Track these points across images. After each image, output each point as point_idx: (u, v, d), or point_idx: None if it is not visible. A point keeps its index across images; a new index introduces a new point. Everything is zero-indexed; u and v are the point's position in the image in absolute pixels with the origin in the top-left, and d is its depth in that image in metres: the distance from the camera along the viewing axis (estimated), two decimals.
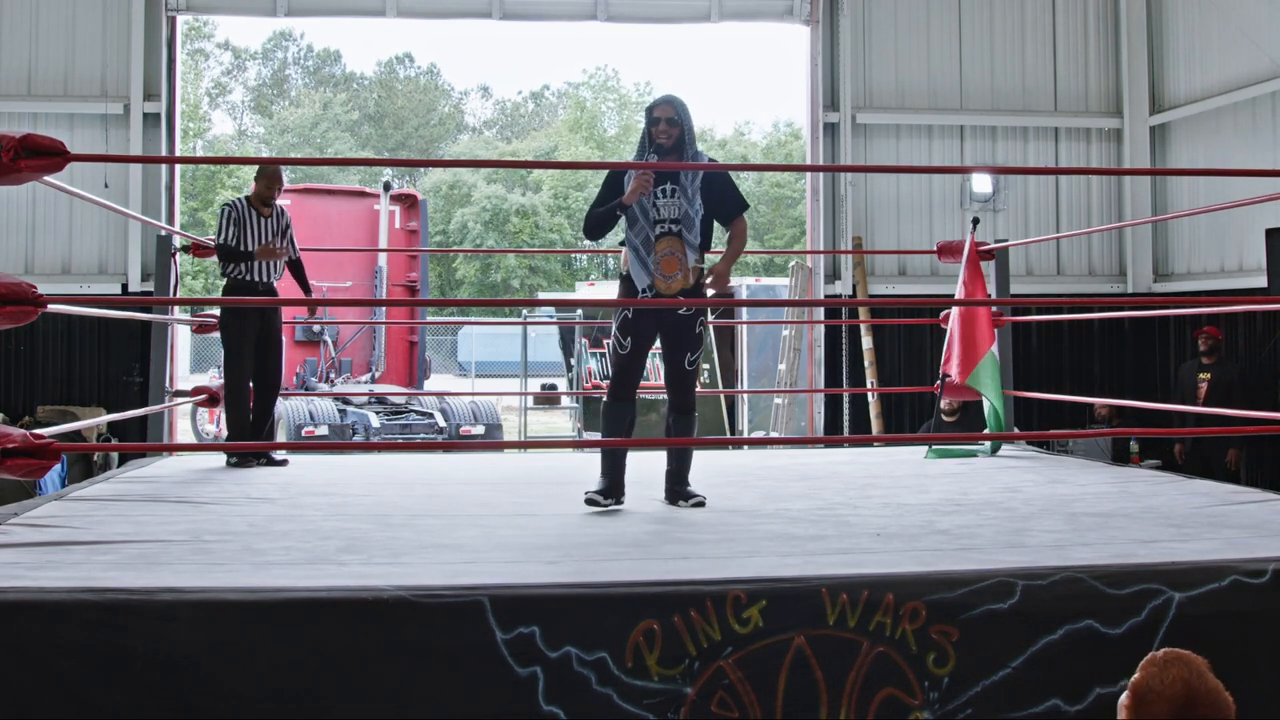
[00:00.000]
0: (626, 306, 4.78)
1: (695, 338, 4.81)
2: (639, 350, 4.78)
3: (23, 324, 3.84)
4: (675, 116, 4.75)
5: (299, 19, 16.50)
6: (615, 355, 4.83)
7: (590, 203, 4.96)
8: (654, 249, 4.70)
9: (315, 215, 13.02)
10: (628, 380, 4.80)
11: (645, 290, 4.72)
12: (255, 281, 6.12)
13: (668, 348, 4.84)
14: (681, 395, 4.84)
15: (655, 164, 4.68)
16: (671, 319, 4.77)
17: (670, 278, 4.70)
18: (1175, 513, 4.38)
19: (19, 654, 2.85)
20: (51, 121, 9.90)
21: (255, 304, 6.11)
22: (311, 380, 12.96)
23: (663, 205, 4.71)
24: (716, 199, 4.80)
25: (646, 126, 4.82)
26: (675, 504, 4.67)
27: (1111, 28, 11.15)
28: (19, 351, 9.90)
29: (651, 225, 4.71)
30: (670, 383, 4.86)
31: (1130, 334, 10.99)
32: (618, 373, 4.81)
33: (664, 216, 4.71)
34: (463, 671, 2.96)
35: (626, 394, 4.79)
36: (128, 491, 4.95)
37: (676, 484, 4.75)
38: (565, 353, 17.20)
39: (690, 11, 11.13)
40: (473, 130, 42.12)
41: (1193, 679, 2.09)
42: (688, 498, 4.67)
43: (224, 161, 37.84)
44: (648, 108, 4.84)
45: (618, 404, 4.79)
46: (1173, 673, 2.09)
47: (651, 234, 4.70)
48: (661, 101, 4.80)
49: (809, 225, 11.34)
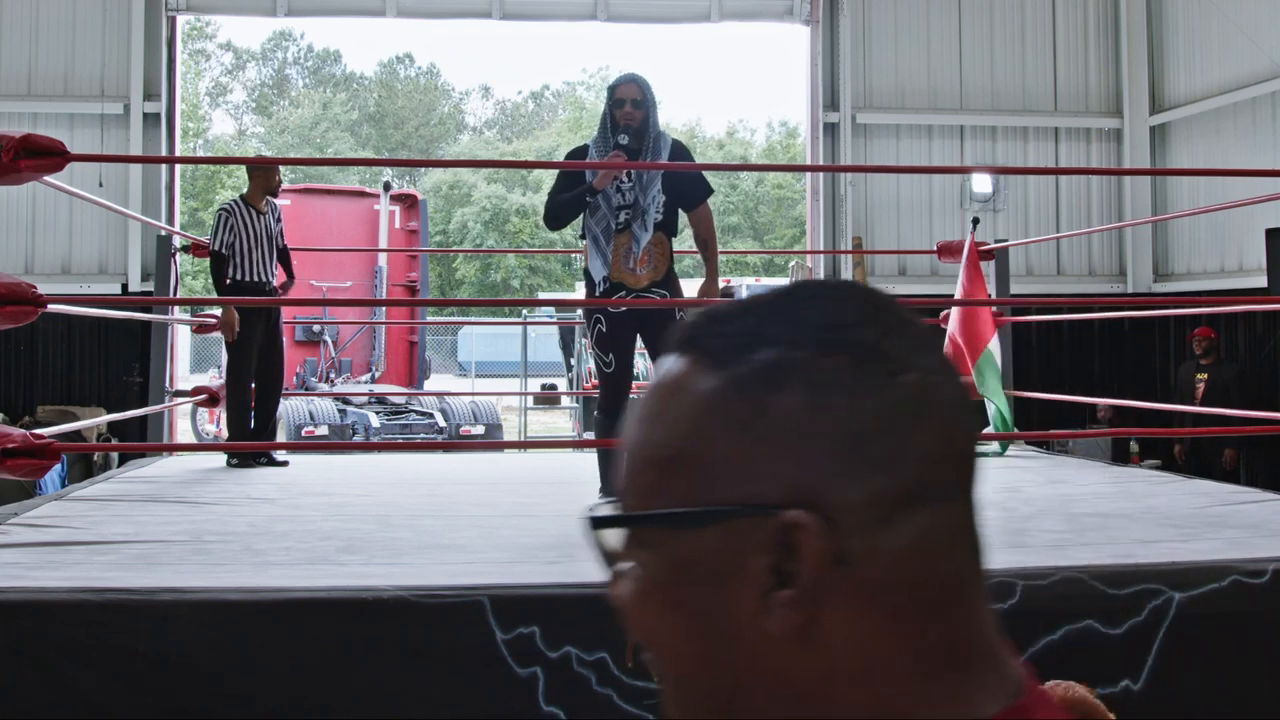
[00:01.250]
0: (598, 319, 4.51)
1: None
2: (624, 363, 4.57)
3: (23, 324, 3.84)
4: (641, 98, 4.51)
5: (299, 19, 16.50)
6: (601, 374, 4.59)
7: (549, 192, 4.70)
8: (614, 238, 4.47)
9: (315, 215, 13.02)
10: (618, 393, 4.57)
11: (603, 281, 4.49)
12: (255, 282, 6.12)
13: (652, 348, 4.59)
14: None
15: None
16: (649, 316, 4.50)
17: (639, 271, 4.47)
18: (1175, 513, 4.38)
19: (19, 654, 2.86)
20: (51, 121, 9.89)
21: (255, 304, 6.11)
22: (311, 380, 12.95)
23: (625, 190, 4.48)
24: (679, 182, 4.56)
25: (608, 108, 4.54)
26: None
27: (1111, 28, 11.15)
28: (19, 351, 9.90)
29: (614, 212, 4.47)
30: None
31: (1130, 334, 10.99)
32: (607, 390, 4.58)
33: (626, 203, 4.48)
34: (463, 671, 2.96)
35: (620, 405, 4.56)
36: (128, 491, 4.95)
37: None
38: (565, 353, 17.20)
39: (690, 11, 11.13)
40: (473, 130, 42.12)
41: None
42: None
43: (224, 161, 37.86)
44: (610, 87, 4.58)
45: (610, 418, 4.54)
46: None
47: (613, 222, 4.47)
48: (625, 80, 4.55)
49: (809, 225, 11.34)
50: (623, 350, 4.56)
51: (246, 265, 6.09)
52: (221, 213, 6.15)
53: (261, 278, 6.13)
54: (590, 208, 4.53)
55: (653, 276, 4.51)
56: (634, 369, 4.73)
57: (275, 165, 6.29)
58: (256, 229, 6.11)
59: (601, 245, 4.49)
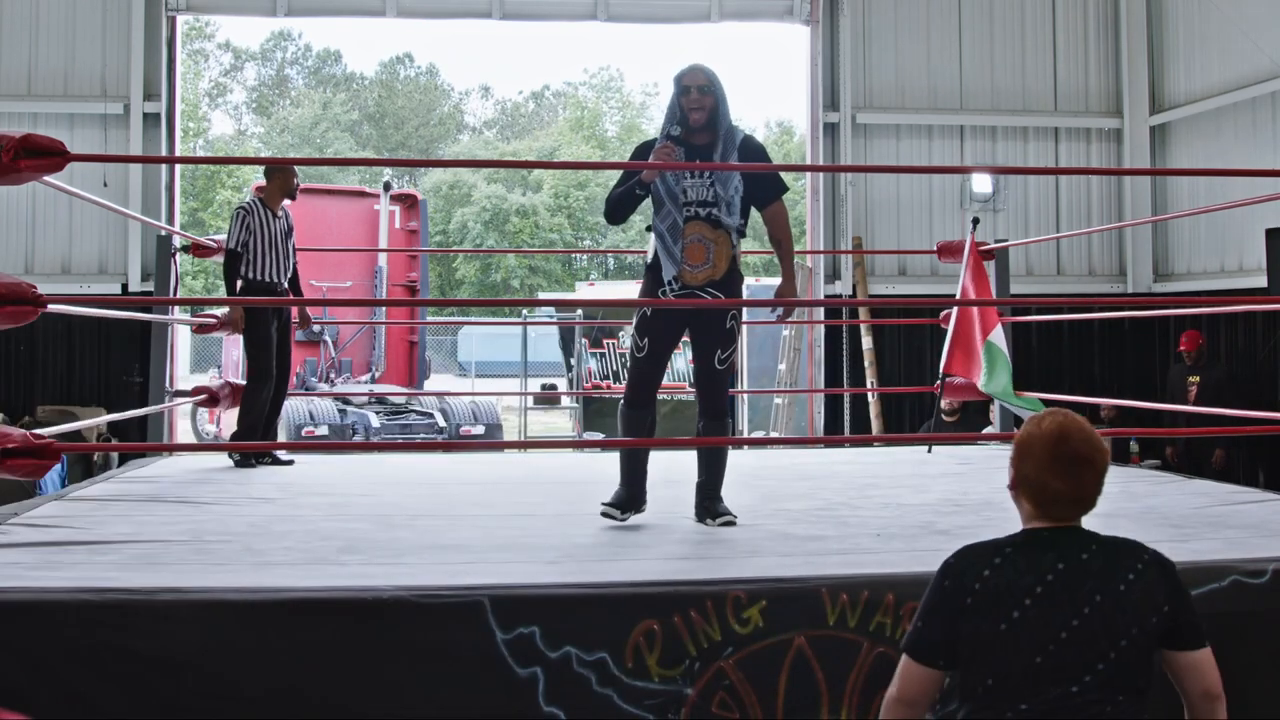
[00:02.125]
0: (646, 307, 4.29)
1: (727, 333, 4.27)
2: (658, 352, 4.30)
3: (23, 324, 3.84)
4: (708, 85, 4.24)
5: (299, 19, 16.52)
6: (632, 358, 4.35)
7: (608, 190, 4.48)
8: (681, 235, 4.21)
9: (315, 215, 12.99)
10: (646, 384, 4.31)
11: (671, 281, 4.23)
12: (267, 282, 6.15)
13: (696, 345, 4.33)
14: (711, 399, 4.31)
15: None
16: (701, 314, 4.27)
17: (696, 268, 4.22)
18: (1175, 513, 4.38)
19: (19, 654, 2.86)
20: (51, 121, 9.89)
21: (255, 303, 6.12)
22: (311, 380, 12.95)
23: (690, 187, 4.23)
24: (753, 179, 4.29)
25: (675, 97, 4.27)
26: (702, 521, 4.23)
27: (1111, 28, 11.15)
28: (19, 351, 9.90)
29: (680, 209, 4.22)
30: (699, 384, 4.36)
31: (1130, 334, 10.99)
32: (634, 377, 4.32)
33: (692, 199, 4.22)
34: (463, 672, 2.96)
35: (644, 399, 4.29)
36: (128, 491, 4.95)
37: (706, 499, 4.27)
38: (565, 353, 17.18)
39: (690, 11, 11.13)
40: (473, 130, 42.07)
41: (1065, 420, 2.35)
42: (715, 515, 4.19)
43: (224, 161, 37.89)
44: (676, 76, 4.28)
45: (634, 410, 4.28)
46: (1048, 420, 2.35)
47: (680, 219, 4.22)
48: (691, 69, 4.27)
49: (809, 225, 11.34)
50: (661, 340, 4.30)
51: (259, 265, 6.13)
52: (240, 211, 6.21)
53: (273, 278, 6.17)
54: (654, 203, 4.28)
55: (711, 275, 4.26)
56: (667, 364, 4.46)
57: (293, 169, 6.33)
58: (271, 230, 6.16)
59: (668, 243, 4.24)
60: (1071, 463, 2.30)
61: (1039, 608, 2.24)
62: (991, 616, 2.25)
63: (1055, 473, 2.30)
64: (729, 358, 4.32)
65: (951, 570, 2.32)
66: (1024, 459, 2.34)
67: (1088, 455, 2.32)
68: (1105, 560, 2.30)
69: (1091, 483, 2.34)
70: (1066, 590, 2.25)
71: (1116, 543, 2.36)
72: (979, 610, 2.26)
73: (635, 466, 4.25)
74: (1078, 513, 2.36)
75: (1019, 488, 2.37)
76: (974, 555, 2.32)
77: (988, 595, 2.26)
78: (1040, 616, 2.24)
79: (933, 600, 2.33)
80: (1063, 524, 2.34)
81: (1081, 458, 2.31)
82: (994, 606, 2.25)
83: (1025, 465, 2.34)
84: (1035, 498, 2.34)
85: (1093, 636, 2.24)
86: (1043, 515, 2.35)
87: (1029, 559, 2.28)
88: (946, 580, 2.32)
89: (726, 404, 4.41)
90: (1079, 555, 2.29)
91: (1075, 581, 2.26)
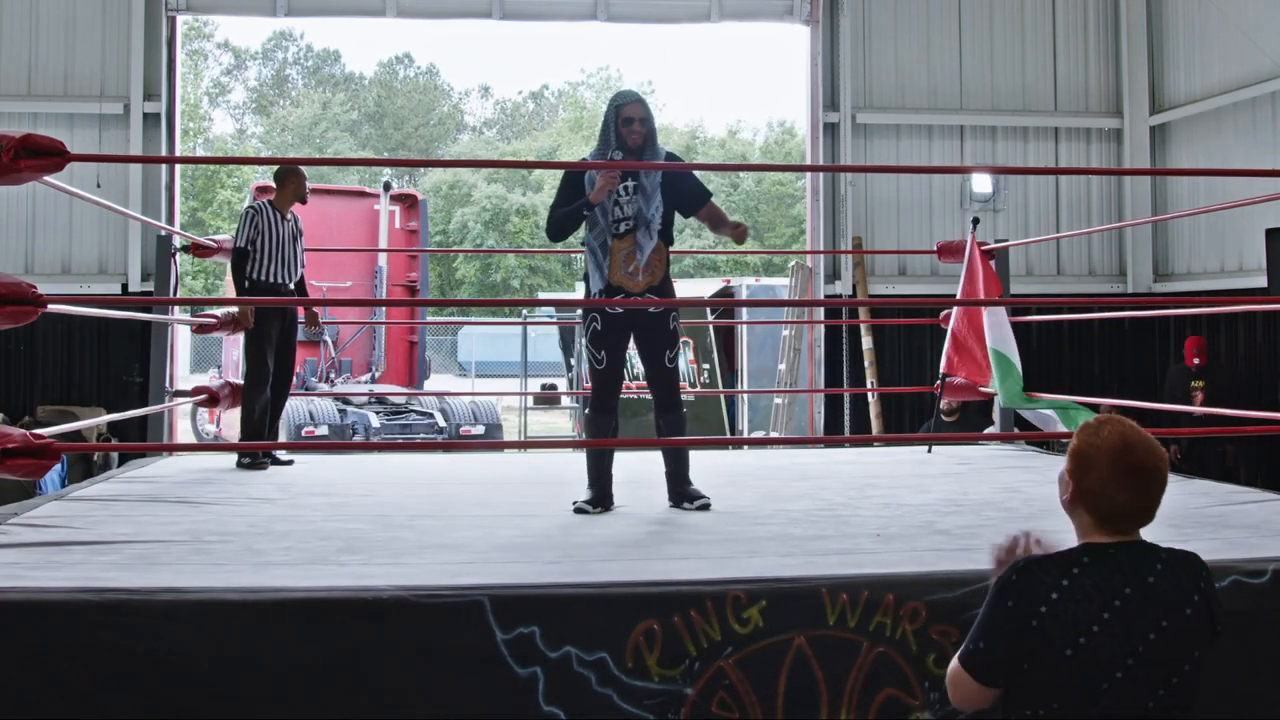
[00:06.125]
0: (594, 318, 4.71)
1: (671, 335, 4.75)
2: (615, 361, 4.75)
3: (23, 324, 3.84)
4: (645, 116, 4.73)
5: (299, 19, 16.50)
6: (593, 370, 4.78)
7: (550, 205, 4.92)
8: (610, 251, 4.67)
9: (315, 215, 12.96)
10: (609, 391, 4.77)
11: (599, 293, 4.69)
12: (273, 283, 6.16)
13: (645, 349, 4.77)
14: (666, 394, 4.77)
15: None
16: (644, 319, 4.71)
17: (636, 276, 4.66)
18: (1175, 513, 4.38)
19: (19, 654, 2.86)
20: (51, 121, 9.88)
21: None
22: (311, 380, 12.94)
23: (625, 203, 4.67)
24: (679, 192, 4.78)
25: (614, 126, 4.73)
26: (680, 506, 4.60)
27: (1111, 28, 11.14)
28: (19, 351, 9.89)
29: (611, 225, 4.67)
30: (653, 383, 4.80)
31: (1130, 334, 10.99)
32: (598, 386, 4.77)
33: (627, 215, 4.67)
34: (463, 672, 2.96)
35: (608, 404, 4.76)
36: (128, 491, 4.95)
37: (678, 485, 4.67)
38: (565, 353, 17.18)
39: (690, 11, 11.12)
40: (473, 130, 42.08)
41: (1126, 430, 2.25)
42: (692, 499, 4.59)
43: (224, 161, 37.85)
44: (617, 105, 4.76)
45: (599, 415, 4.77)
46: (1107, 428, 2.25)
47: (609, 235, 4.67)
48: (633, 100, 4.76)
49: (809, 225, 11.34)
50: (615, 349, 4.74)
51: (266, 265, 6.15)
52: (250, 210, 6.24)
53: (280, 279, 6.19)
54: (589, 222, 4.71)
55: (650, 282, 4.70)
56: (625, 369, 4.93)
57: (304, 175, 6.37)
58: (280, 232, 6.20)
59: (598, 258, 4.69)
60: (1138, 475, 2.22)
61: (1107, 633, 2.17)
62: (1058, 642, 2.17)
63: (1121, 485, 2.21)
64: (676, 356, 4.79)
65: (1014, 589, 2.22)
66: (1086, 472, 2.25)
67: (1154, 466, 2.23)
68: (1170, 584, 2.21)
69: (1157, 494, 2.25)
70: (1134, 617, 2.18)
71: (1177, 559, 2.27)
72: (1044, 633, 2.18)
73: (603, 468, 4.64)
74: (1140, 524, 2.28)
75: (1079, 501, 2.27)
76: (1037, 575, 2.22)
77: (1054, 619, 2.18)
78: (1108, 644, 2.17)
79: (995, 621, 2.24)
80: (1125, 538, 2.26)
81: (1148, 469, 2.22)
82: (1060, 632, 2.17)
83: (1088, 478, 2.25)
84: (1098, 511, 2.25)
85: (1158, 664, 2.18)
86: (1104, 528, 2.26)
87: (1095, 581, 2.20)
88: (1010, 600, 2.22)
89: (679, 397, 4.82)
90: (1145, 578, 2.21)
91: (1142, 607, 2.19)
